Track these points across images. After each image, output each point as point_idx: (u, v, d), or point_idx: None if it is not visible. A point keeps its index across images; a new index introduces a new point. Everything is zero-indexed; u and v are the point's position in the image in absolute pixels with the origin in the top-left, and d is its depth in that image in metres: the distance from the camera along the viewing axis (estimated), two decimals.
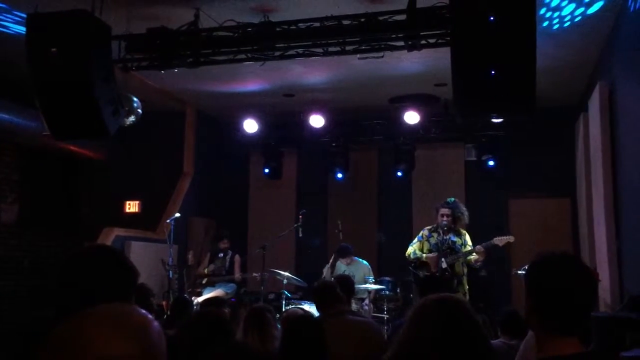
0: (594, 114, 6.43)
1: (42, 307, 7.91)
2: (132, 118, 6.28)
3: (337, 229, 8.20)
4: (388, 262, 9.16)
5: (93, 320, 1.06)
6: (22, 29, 5.69)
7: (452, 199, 7.20)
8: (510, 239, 6.90)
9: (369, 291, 7.68)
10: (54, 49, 4.91)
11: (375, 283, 7.76)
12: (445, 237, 7.01)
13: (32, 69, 5.02)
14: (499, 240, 6.85)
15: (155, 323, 1.10)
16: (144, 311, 1.11)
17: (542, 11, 5.68)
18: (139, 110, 6.36)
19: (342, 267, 7.95)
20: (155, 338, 1.07)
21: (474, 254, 6.87)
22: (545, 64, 6.56)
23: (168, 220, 7.76)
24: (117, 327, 1.04)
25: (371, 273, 7.98)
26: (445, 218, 6.99)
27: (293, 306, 7.23)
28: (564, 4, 5.61)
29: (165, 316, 6.25)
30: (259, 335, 3.59)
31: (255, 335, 3.59)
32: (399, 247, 7.68)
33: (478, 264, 6.93)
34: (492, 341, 4.11)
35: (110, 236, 7.96)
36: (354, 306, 6.56)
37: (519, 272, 7.05)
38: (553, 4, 5.62)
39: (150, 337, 1.06)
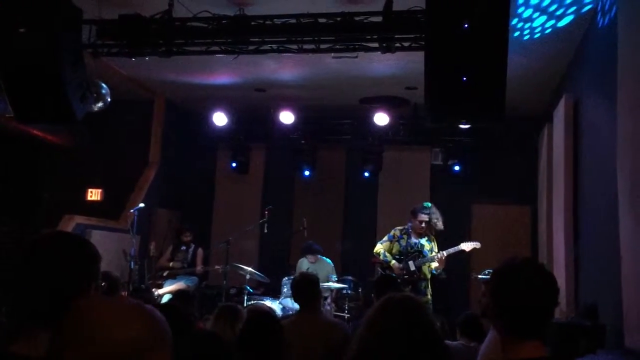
0: (559, 125, 6.58)
1: None
2: (100, 104, 6.17)
3: (302, 227, 8.20)
4: (352, 261, 9.21)
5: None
6: None
7: (429, 204, 7.20)
8: (477, 245, 7.04)
9: (331, 290, 7.71)
10: (22, 30, 4.78)
11: (337, 282, 7.80)
12: (415, 241, 7.08)
13: None
14: (466, 246, 6.99)
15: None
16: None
17: (514, 21, 5.78)
18: (108, 97, 6.25)
19: (305, 264, 7.96)
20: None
21: (436, 261, 6.96)
22: (514, 73, 6.65)
23: (132, 210, 7.63)
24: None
25: (334, 272, 8.00)
26: (423, 224, 7.01)
27: (256, 302, 7.22)
28: (535, 15, 5.72)
29: None
30: (231, 330, 3.63)
31: (227, 330, 3.63)
32: (363, 246, 7.74)
33: (438, 270, 7.02)
34: (452, 343, 4.19)
35: (70, 224, 7.78)
36: None
37: (479, 276, 7.19)
38: (525, 15, 5.73)
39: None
